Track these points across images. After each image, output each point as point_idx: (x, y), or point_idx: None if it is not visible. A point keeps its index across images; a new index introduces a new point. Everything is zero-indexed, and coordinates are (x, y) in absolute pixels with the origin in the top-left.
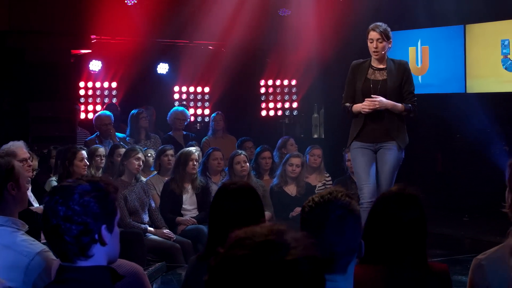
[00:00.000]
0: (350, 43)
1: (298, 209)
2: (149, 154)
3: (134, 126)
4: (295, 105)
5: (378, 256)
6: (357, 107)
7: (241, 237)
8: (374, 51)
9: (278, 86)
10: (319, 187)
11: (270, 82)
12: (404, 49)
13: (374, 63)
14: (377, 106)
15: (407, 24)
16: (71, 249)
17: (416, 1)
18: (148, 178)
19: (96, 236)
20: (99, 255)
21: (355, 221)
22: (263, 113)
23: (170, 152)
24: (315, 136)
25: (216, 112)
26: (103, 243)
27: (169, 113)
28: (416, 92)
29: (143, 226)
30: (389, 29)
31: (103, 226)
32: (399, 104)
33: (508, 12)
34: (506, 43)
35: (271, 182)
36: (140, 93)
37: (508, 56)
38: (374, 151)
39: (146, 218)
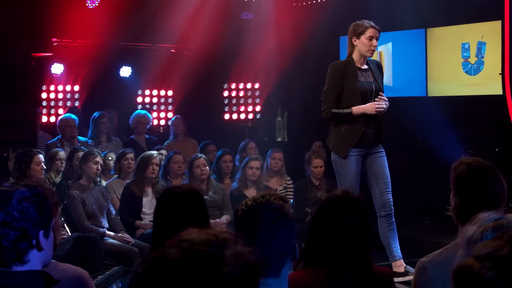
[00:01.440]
0: (310, 47)
1: None
2: (110, 158)
3: (95, 129)
4: (258, 108)
5: (321, 260)
6: (360, 108)
7: (183, 239)
8: (372, 50)
9: (241, 90)
10: (280, 190)
11: (233, 86)
12: None
13: (358, 64)
14: (386, 106)
15: None
16: (8, 254)
17: (377, 5)
18: (108, 181)
19: (34, 241)
20: (34, 260)
21: (288, 224)
22: (226, 116)
23: (130, 155)
24: (279, 139)
25: (175, 116)
26: (40, 249)
27: (131, 117)
28: None
29: (101, 230)
30: None
31: (41, 232)
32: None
33: (468, 16)
34: (466, 46)
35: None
36: (103, 96)
37: (469, 60)
38: (364, 156)
39: (104, 221)
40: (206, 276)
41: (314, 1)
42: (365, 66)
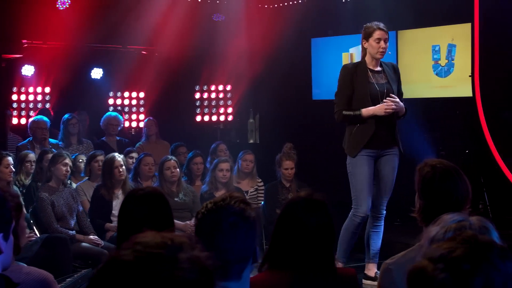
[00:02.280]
0: (282, 49)
1: None
2: (80, 160)
3: (66, 131)
4: (230, 110)
5: (285, 262)
6: (370, 110)
7: (138, 241)
8: (381, 51)
9: (213, 91)
10: (251, 192)
11: (205, 87)
12: (337, 55)
13: (371, 66)
14: (397, 107)
15: (340, 30)
16: None
17: (347, 7)
18: (78, 183)
19: None
20: None
21: (249, 228)
22: (198, 118)
23: (101, 157)
24: (251, 141)
25: (147, 118)
26: (0, 252)
27: (102, 118)
28: None
29: (71, 232)
30: None
31: (0, 235)
32: (404, 108)
33: (439, 18)
34: (437, 48)
35: None
36: (74, 98)
37: (439, 62)
38: (376, 158)
39: (74, 223)
40: (158, 279)
41: (285, 3)
42: (379, 68)
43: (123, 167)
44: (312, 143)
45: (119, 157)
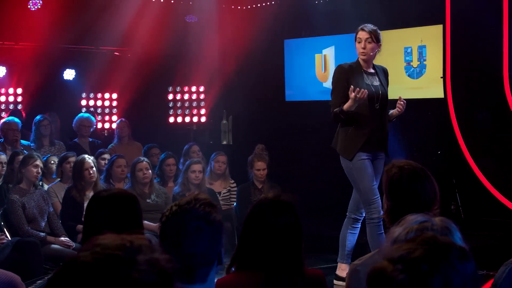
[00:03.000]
0: (255, 50)
1: None
2: (52, 161)
3: (37, 132)
4: (203, 111)
5: (253, 263)
6: (349, 103)
7: (97, 243)
8: (361, 52)
9: (186, 93)
10: (224, 193)
11: (178, 89)
12: (310, 56)
13: (365, 67)
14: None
15: (313, 31)
16: None
17: (320, 8)
18: (50, 185)
19: None
20: None
21: (214, 231)
22: (171, 119)
23: (72, 159)
24: (224, 142)
25: (119, 119)
26: None
27: (74, 120)
28: (322, 99)
29: (41, 234)
30: (379, 31)
31: None
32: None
33: (411, 20)
34: (409, 50)
35: None
36: (46, 99)
37: (411, 63)
38: (372, 160)
39: (44, 225)
40: (115, 281)
41: (258, 5)
42: (372, 70)
43: (94, 168)
44: (286, 144)
45: (89, 158)
